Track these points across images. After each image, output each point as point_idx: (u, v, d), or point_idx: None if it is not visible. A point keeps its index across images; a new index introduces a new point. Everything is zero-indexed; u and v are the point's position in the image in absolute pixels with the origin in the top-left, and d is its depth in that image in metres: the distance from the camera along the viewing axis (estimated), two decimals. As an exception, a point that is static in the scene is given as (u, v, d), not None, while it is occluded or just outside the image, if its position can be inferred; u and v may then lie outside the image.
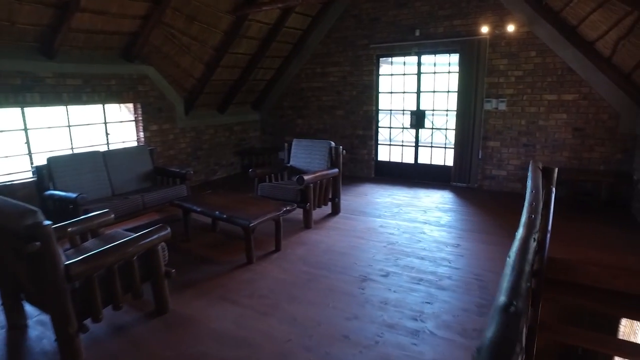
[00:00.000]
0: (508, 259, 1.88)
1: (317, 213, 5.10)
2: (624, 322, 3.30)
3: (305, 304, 3.11)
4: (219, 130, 7.57)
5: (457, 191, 6.48)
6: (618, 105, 5.55)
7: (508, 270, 1.67)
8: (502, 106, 6.21)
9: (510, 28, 5.82)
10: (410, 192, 6.54)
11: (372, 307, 3.04)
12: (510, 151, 6.32)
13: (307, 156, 5.38)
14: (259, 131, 8.66)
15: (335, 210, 5.38)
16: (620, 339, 3.13)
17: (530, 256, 1.87)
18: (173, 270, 2.91)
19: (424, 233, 4.62)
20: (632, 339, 3.33)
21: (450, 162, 6.84)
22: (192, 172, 5.10)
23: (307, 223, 4.80)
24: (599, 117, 5.70)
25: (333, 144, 5.25)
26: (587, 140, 5.82)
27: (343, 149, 5.32)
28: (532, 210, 2.42)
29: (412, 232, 4.66)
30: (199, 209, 4.02)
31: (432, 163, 7.08)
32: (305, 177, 4.60)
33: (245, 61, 7.04)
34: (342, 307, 3.06)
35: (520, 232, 2.10)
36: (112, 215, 3.28)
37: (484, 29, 5.97)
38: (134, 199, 4.49)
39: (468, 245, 4.24)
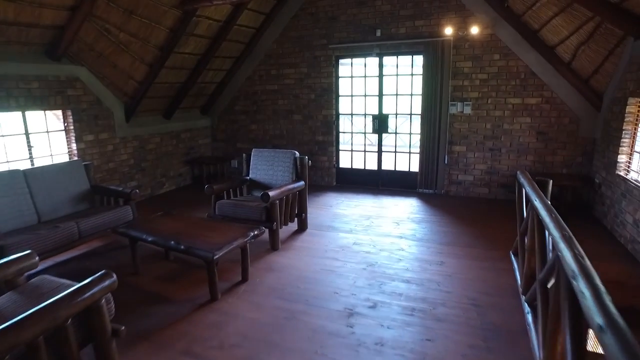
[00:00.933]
0: (573, 281, 1.67)
1: (283, 231, 4.60)
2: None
3: (288, 353, 2.61)
4: (165, 138, 6.81)
5: (425, 198, 6.25)
6: (578, 110, 5.57)
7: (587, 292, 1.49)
8: (468, 110, 6.06)
9: (474, 30, 5.66)
10: (377, 201, 6.22)
11: (367, 352, 2.61)
12: (477, 156, 6.19)
13: (269, 168, 4.86)
14: (209, 138, 7.97)
15: (302, 227, 4.91)
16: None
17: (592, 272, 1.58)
18: (122, 328, 2.29)
19: (403, 250, 4.28)
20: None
21: (415, 167, 6.61)
22: (137, 191, 4.39)
23: (273, 244, 4.29)
24: (560, 121, 5.70)
25: (297, 153, 4.78)
26: (550, 144, 5.80)
27: (309, 160, 4.85)
28: (561, 227, 2.12)
29: (390, 249, 4.30)
30: (149, 239, 3.38)
31: (397, 169, 6.81)
32: (271, 193, 4.09)
33: (193, 62, 6.36)
34: (332, 354, 2.60)
35: (566, 252, 1.80)
36: (36, 259, 2.58)
37: (448, 31, 5.77)
38: (67, 227, 3.71)
39: (452, 262, 3.95)
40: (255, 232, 3.44)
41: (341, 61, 6.80)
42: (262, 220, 4.21)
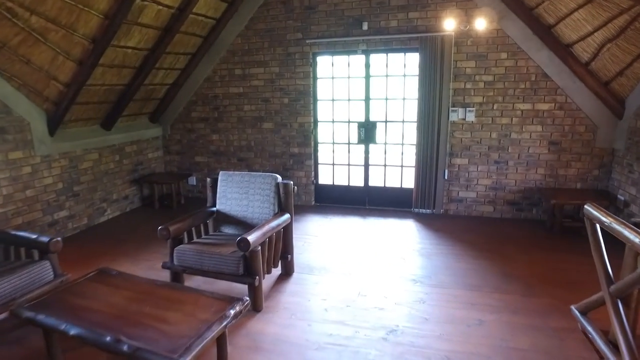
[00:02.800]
0: None
1: (265, 279, 3.51)
2: None
3: None
4: (105, 153, 5.47)
5: (423, 220, 5.35)
6: (595, 116, 4.88)
7: None
8: (471, 116, 5.23)
9: (479, 24, 4.81)
10: (367, 224, 5.26)
11: None
12: (480, 169, 5.38)
13: (242, 197, 3.73)
14: (161, 151, 6.66)
15: (288, 271, 3.84)
16: None
17: None
18: None
19: (424, 301, 3.32)
20: None
21: (409, 184, 5.71)
22: (59, 239, 3.12)
23: (256, 304, 3.19)
24: (575, 129, 4.99)
25: (280, 178, 3.70)
26: (563, 155, 5.09)
27: (294, 185, 3.79)
28: None
29: (407, 300, 3.34)
30: (72, 331, 2.17)
31: (387, 186, 5.88)
32: (250, 238, 2.99)
33: (139, 59, 5.08)
34: None
35: None
36: None
37: (448, 25, 4.89)
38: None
39: (492, 319, 3.03)
40: (237, 309, 2.34)
41: (320, 59, 5.77)
42: (239, 274, 3.10)
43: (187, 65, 6.07)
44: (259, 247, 3.12)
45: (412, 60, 5.35)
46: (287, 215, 3.61)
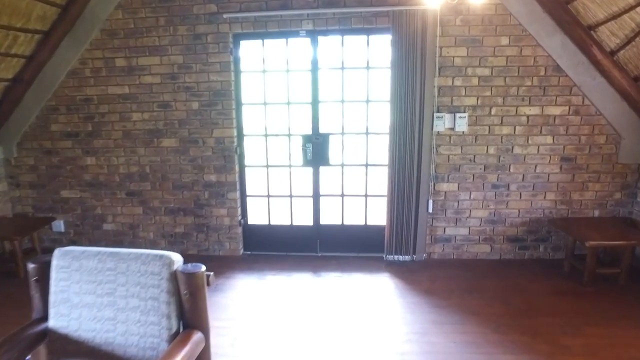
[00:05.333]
0: None
1: None
2: None
3: None
4: None
5: (401, 274, 3.76)
6: (619, 124, 3.69)
7: None
8: (461, 125, 3.76)
9: (472, -5, 3.37)
10: (321, 286, 3.55)
11: None
12: (474, 197, 3.93)
13: (103, 301, 1.78)
14: (4, 183, 4.34)
15: None
16: None
17: None
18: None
19: None
20: None
21: (379, 219, 4.10)
22: None
23: None
24: (594, 140, 3.75)
25: (179, 260, 1.81)
26: (578, 174, 3.83)
27: (209, 275, 1.89)
28: None
29: None
30: None
31: (347, 223, 4.21)
32: None
33: None
34: None
35: None
36: None
37: (430, -5, 3.39)
38: None
39: None
40: None
41: (245, 44, 3.96)
42: None
43: (37, 51, 3.89)
44: None
45: (380, 46, 3.77)
46: (199, 335, 1.74)
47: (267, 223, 4.29)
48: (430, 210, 3.91)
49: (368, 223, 4.16)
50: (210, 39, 3.85)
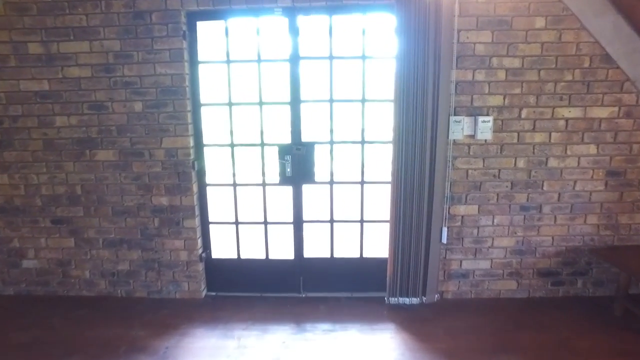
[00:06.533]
0: None
1: None
2: None
3: None
4: None
5: (408, 325, 2.89)
6: (678, 127, 2.93)
7: None
8: (485, 131, 2.93)
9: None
10: (306, 349, 2.65)
11: None
12: (498, 222, 3.11)
13: None
14: None
15: None
16: None
17: None
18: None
19: None
20: None
21: (378, 250, 3.25)
22: None
23: None
24: (647, 149, 2.99)
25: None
26: (627, 192, 3.05)
27: None
28: None
29: None
30: None
31: (338, 256, 3.32)
32: None
33: None
34: None
35: None
36: None
37: (446, -39, 2.54)
38: None
39: None
40: None
41: (202, 25, 3.03)
42: None
43: None
44: None
45: (380, 29, 2.90)
46: None
47: (236, 257, 3.35)
48: (444, 241, 3.07)
49: (365, 255, 3.29)
50: (155, 18, 2.90)
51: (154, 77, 2.99)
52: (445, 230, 3.05)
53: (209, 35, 3.05)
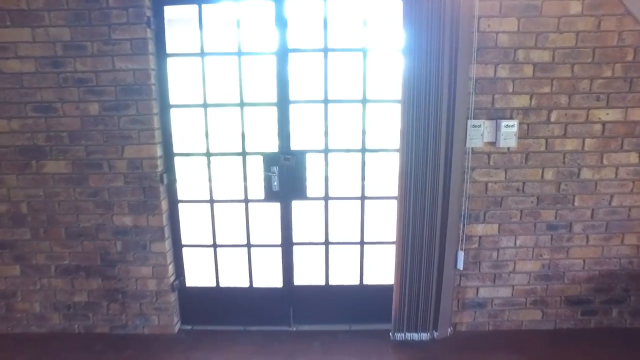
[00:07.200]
0: None
1: None
2: None
3: None
4: None
5: (424, 368, 2.45)
6: None
7: None
8: (508, 137, 2.47)
9: None
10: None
11: None
12: (520, 243, 2.66)
13: None
14: None
15: None
16: None
17: None
18: None
19: None
20: None
21: (382, 277, 2.79)
22: None
23: None
24: (694, 157, 2.56)
25: None
26: (670, 207, 2.63)
27: None
28: None
29: None
30: None
31: (335, 283, 2.84)
32: None
33: None
34: None
35: None
36: None
37: None
38: None
39: None
40: None
41: (170, 10, 2.52)
42: None
43: None
44: None
45: (385, 15, 2.43)
46: None
47: (214, 285, 2.86)
48: (460, 267, 2.61)
49: (365, 282, 2.82)
50: (113, 2, 2.39)
51: (112, 73, 2.48)
52: (461, 254, 2.59)
53: (179, 21, 2.54)
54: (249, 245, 2.77)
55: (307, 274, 2.91)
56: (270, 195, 2.66)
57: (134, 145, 2.57)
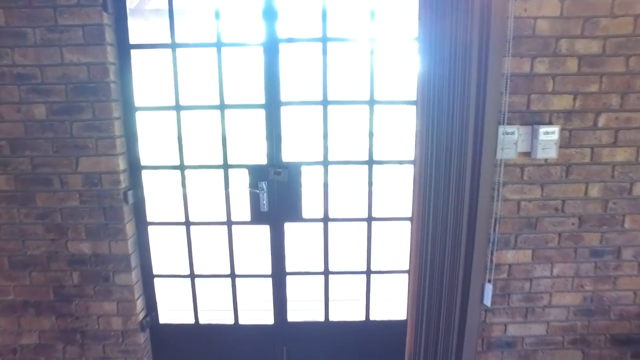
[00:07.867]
0: None
1: None
2: None
3: None
4: None
5: None
6: None
7: None
8: (547, 147, 2.03)
9: None
10: None
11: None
12: (557, 272, 2.23)
13: None
14: None
15: None
16: None
17: None
18: None
19: None
20: None
21: (393, 312, 2.34)
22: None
23: None
24: None
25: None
26: None
27: None
28: None
29: None
30: None
31: (335, 319, 2.40)
32: None
33: None
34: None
35: None
36: None
37: None
38: None
39: None
40: None
41: (133, -6, 2.06)
42: None
43: None
44: None
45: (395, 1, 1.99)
46: None
47: (192, 322, 2.40)
48: (488, 302, 2.17)
49: (372, 318, 2.37)
50: (61, -18, 1.93)
51: (61, 67, 2.01)
52: (489, 287, 2.15)
53: (145, 6, 2.08)
54: (233, 276, 2.31)
55: (303, 308, 2.47)
56: (258, 216, 2.21)
57: (91, 157, 2.10)
